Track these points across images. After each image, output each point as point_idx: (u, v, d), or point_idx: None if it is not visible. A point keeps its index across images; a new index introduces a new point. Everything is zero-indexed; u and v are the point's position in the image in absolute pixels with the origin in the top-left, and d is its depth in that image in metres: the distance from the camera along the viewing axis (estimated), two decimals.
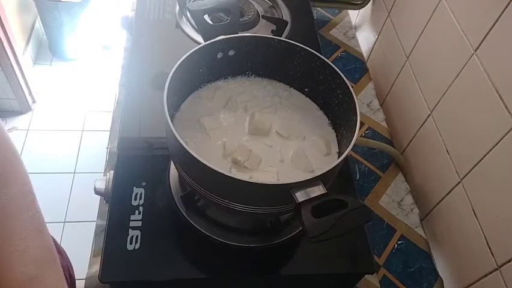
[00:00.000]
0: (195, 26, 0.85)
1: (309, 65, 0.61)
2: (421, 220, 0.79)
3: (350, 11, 1.13)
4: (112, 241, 0.57)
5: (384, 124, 0.91)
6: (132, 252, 0.56)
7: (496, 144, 0.60)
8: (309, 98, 0.65)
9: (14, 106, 1.80)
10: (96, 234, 0.68)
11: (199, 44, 0.58)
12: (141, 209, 0.60)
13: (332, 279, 0.64)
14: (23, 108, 1.82)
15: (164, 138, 0.55)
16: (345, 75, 0.57)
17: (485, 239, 0.62)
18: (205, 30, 0.60)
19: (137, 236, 0.58)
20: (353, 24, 1.11)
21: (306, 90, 0.65)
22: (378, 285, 0.69)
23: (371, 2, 1.05)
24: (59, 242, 0.66)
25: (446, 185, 0.72)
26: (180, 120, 0.60)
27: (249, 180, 0.46)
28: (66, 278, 0.70)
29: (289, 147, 0.59)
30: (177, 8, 0.90)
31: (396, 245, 0.75)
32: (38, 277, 0.43)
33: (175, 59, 0.55)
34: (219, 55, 0.61)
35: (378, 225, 0.77)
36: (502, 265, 0.59)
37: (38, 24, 2.03)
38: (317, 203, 0.44)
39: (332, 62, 0.59)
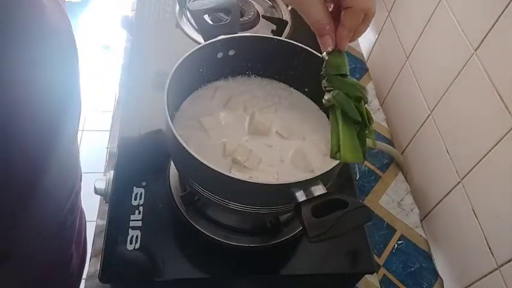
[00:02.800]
0: (195, 26, 0.84)
1: (309, 65, 0.61)
2: (421, 220, 0.79)
3: None
4: (112, 241, 0.57)
5: (384, 124, 0.91)
6: (132, 252, 0.56)
7: (496, 144, 0.60)
8: (309, 98, 0.65)
9: None
10: (96, 234, 0.68)
11: (199, 44, 0.58)
12: (141, 209, 0.60)
13: (332, 279, 0.64)
14: None
15: (164, 138, 0.55)
16: None
17: (485, 239, 0.62)
18: (205, 30, 0.60)
19: (137, 236, 0.58)
20: None
21: (306, 90, 0.65)
22: (378, 285, 0.69)
23: None
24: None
25: (446, 185, 0.72)
26: (180, 120, 0.60)
27: (249, 180, 0.46)
28: (82, 236, 0.74)
29: (289, 147, 0.59)
30: (177, 8, 0.90)
31: (396, 245, 0.75)
32: None
33: (175, 59, 0.55)
34: (219, 55, 0.61)
35: (378, 225, 0.77)
36: (502, 265, 0.59)
37: None
38: (317, 203, 0.44)
39: None
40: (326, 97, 0.49)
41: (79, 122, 0.66)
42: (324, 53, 0.49)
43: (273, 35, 0.83)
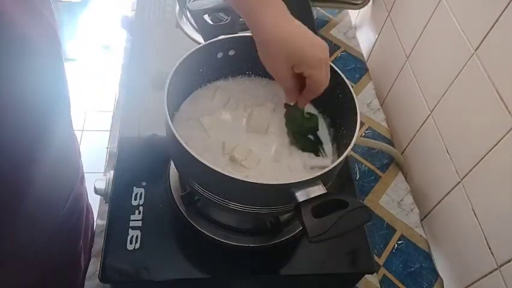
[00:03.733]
0: (195, 26, 0.84)
1: None
2: (421, 220, 0.79)
3: (350, 11, 1.13)
4: (112, 241, 0.57)
5: (384, 124, 0.91)
6: (132, 252, 0.56)
7: (496, 144, 0.60)
8: None
9: None
10: (96, 234, 0.68)
11: (199, 44, 0.58)
12: (141, 209, 0.60)
13: (332, 279, 0.64)
14: None
15: (164, 138, 0.55)
16: (345, 75, 0.57)
17: (485, 239, 0.62)
18: (205, 30, 0.60)
19: (137, 236, 0.58)
20: (353, 24, 1.11)
21: None
22: (378, 285, 0.69)
23: (371, 1, 1.05)
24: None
25: (446, 185, 0.72)
26: (180, 120, 0.60)
27: (249, 180, 0.46)
28: (89, 235, 0.74)
29: (289, 146, 0.59)
30: (177, 8, 0.90)
31: (396, 245, 0.75)
32: None
33: (175, 59, 0.55)
34: (219, 55, 0.61)
35: (378, 225, 0.77)
36: (502, 265, 0.59)
37: None
38: (317, 203, 0.44)
39: (332, 62, 0.59)
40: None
41: (70, 127, 0.65)
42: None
43: None
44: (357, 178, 0.82)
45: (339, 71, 0.58)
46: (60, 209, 0.63)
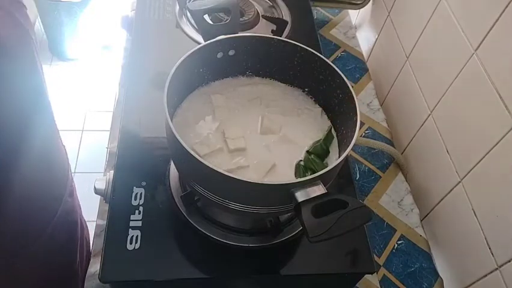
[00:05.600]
0: (195, 26, 0.84)
1: (309, 65, 0.61)
2: (421, 220, 0.79)
3: (350, 11, 1.13)
4: (112, 241, 0.57)
5: (384, 124, 0.91)
6: (132, 252, 0.56)
7: (496, 144, 0.60)
8: (310, 98, 0.65)
9: None
10: (96, 234, 0.68)
11: (199, 44, 0.58)
12: (141, 209, 0.60)
13: (332, 279, 0.64)
14: None
15: (164, 138, 0.55)
16: (345, 75, 0.57)
17: (485, 239, 0.62)
18: (205, 30, 0.60)
19: (137, 236, 0.58)
20: (353, 24, 1.11)
21: (306, 90, 0.65)
22: (378, 285, 0.69)
23: (371, 1, 1.05)
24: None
25: (446, 185, 0.72)
26: (180, 120, 0.59)
27: (249, 180, 0.46)
28: (86, 251, 0.73)
29: (286, 144, 0.59)
30: (177, 8, 0.90)
31: (396, 245, 0.75)
32: None
33: (175, 59, 0.55)
34: (219, 55, 0.61)
35: (378, 225, 0.77)
36: (502, 265, 0.59)
37: (38, 24, 2.03)
38: (317, 203, 0.44)
39: (332, 62, 0.59)
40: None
41: (56, 138, 0.64)
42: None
43: (273, 35, 0.83)
44: (357, 178, 0.82)
45: (339, 71, 0.58)
46: (50, 218, 0.62)
